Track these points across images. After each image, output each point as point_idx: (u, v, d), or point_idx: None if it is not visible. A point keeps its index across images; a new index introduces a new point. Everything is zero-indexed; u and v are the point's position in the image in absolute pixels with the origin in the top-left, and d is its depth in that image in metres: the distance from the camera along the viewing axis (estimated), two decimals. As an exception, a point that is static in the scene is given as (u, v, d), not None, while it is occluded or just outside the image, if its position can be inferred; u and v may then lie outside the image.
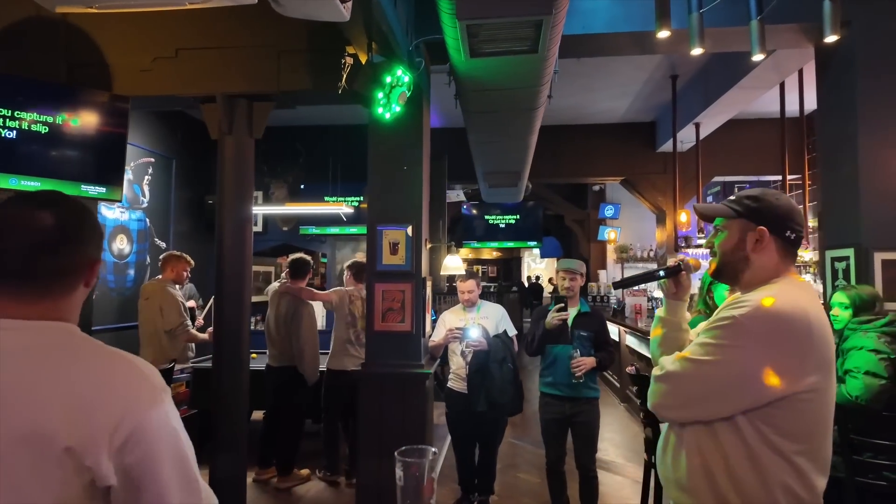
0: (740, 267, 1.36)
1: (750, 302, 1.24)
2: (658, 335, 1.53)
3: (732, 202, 1.39)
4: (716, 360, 1.23)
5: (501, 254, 18.02)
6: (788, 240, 1.33)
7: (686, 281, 1.51)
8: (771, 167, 7.25)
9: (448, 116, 6.21)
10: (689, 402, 1.29)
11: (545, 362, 3.35)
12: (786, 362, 1.19)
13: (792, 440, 1.20)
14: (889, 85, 3.40)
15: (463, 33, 2.64)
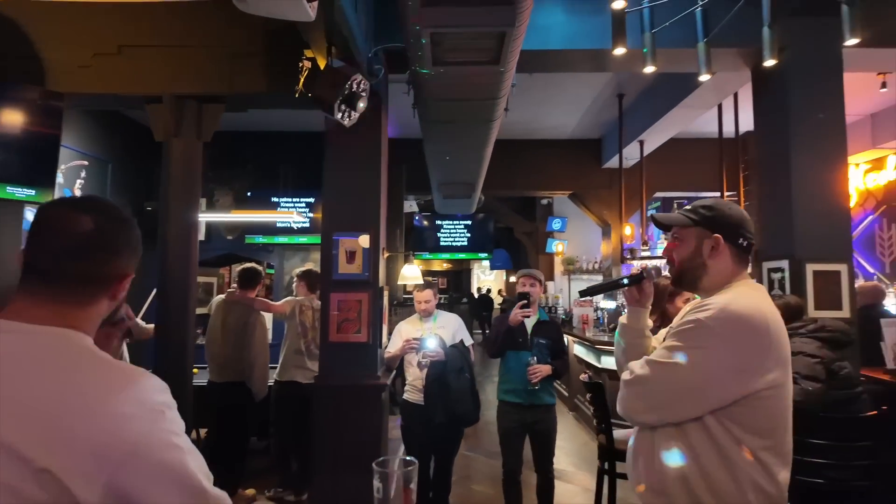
0: (699, 273, 1.42)
1: (713, 304, 1.30)
2: (622, 342, 1.56)
3: (689, 211, 1.46)
4: (684, 363, 1.27)
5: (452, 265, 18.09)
6: (741, 247, 1.41)
7: (648, 288, 1.55)
8: (709, 184, 7.68)
9: (404, 127, 6.20)
10: (661, 405, 1.32)
11: (503, 370, 3.42)
12: (749, 360, 1.25)
13: (758, 436, 1.24)
14: (819, 107, 3.68)
15: (427, 42, 2.63)
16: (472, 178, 6.15)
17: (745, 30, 3.56)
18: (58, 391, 0.74)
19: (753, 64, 4.05)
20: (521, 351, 3.32)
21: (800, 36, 3.60)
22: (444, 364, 3.43)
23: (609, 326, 6.80)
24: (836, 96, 3.69)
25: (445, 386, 3.41)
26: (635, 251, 7.23)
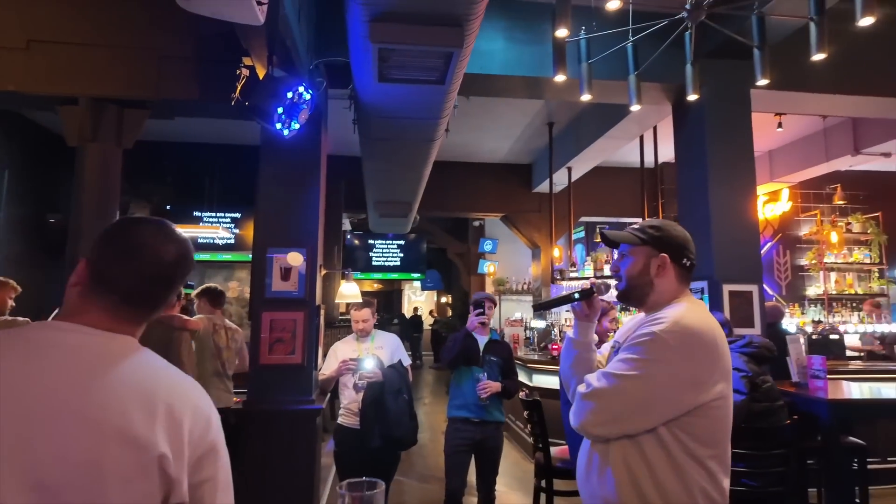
0: (646, 290, 1.47)
1: (667, 318, 1.34)
2: (570, 356, 1.57)
3: (637, 230, 1.51)
4: (640, 375, 1.30)
5: (383, 286, 17.86)
6: (685, 266, 1.47)
7: (597, 303, 1.58)
8: (631, 210, 8.16)
9: (342, 143, 6.10)
10: (618, 418, 1.33)
11: (454, 386, 3.47)
12: (701, 372, 1.30)
13: (706, 446, 1.29)
14: (733, 140, 4.03)
15: (374, 57, 2.61)
16: (410, 198, 6.14)
17: (667, 68, 3.85)
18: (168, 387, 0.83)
19: (674, 99, 4.38)
20: (472, 367, 3.42)
21: (715, 76, 3.95)
22: (381, 385, 3.33)
23: (539, 345, 6.96)
24: (745, 132, 4.06)
25: (383, 408, 3.31)
26: (564, 272, 7.50)
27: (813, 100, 4.42)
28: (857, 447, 3.52)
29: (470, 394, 3.37)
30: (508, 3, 4.03)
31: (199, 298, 4.05)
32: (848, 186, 7.78)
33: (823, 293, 7.71)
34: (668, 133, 4.99)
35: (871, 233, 7.81)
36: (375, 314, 3.66)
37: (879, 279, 7.83)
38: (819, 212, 7.99)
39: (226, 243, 7.27)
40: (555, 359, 5.55)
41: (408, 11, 2.43)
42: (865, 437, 4.06)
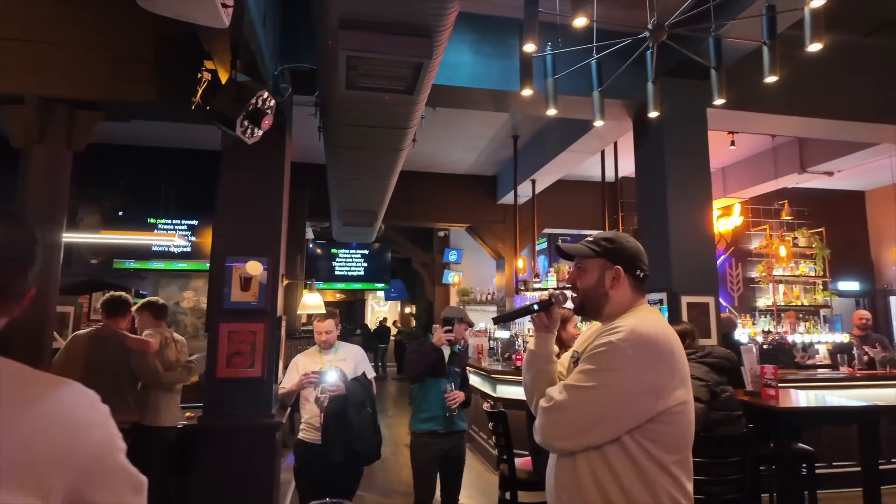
0: (601, 302, 1.49)
1: (623, 327, 1.36)
2: (531, 368, 1.57)
3: (591, 243, 1.53)
4: (601, 385, 1.31)
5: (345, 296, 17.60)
6: (638, 277, 1.50)
7: (556, 313, 1.59)
8: (592, 223, 8.35)
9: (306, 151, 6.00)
10: (581, 430, 1.34)
11: (421, 399, 3.43)
12: (659, 379, 1.32)
13: (670, 451, 1.31)
14: (690, 156, 4.17)
15: (342, 64, 2.58)
16: (376, 207, 6.08)
17: (629, 85, 3.97)
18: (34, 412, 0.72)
19: (635, 115, 4.51)
20: (439, 379, 3.42)
21: (674, 94, 4.08)
22: (344, 399, 3.25)
23: (504, 356, 6.98)
24: (702, 149, 4.22)
25: (346, 422, 3.24)
26: (528, 283, 7.57)
27: (763, 120, 4.64)
28: (806, 453, 3.66)
29: (438, 406, 3.37)
30: (476, 17, 4.07)
31: (140, 313, 3.85)
32: (794, 203, 8.20)
33: (773, 304, 8.05)
34: (628, 148, 5.12)
35: (816, 247, 8.23)
36: (339, 325, 3.59)
37: (823, 291, 8.24)
38: (768, 226, 8.37)
39: (182, 251, 7.00)
40: (519, 369, 5.57)
41: (378, 20, 2.42)
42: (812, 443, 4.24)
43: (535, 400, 1.51)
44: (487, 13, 4.08)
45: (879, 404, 4.00)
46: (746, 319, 7.88)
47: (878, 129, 4.79)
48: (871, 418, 3.62)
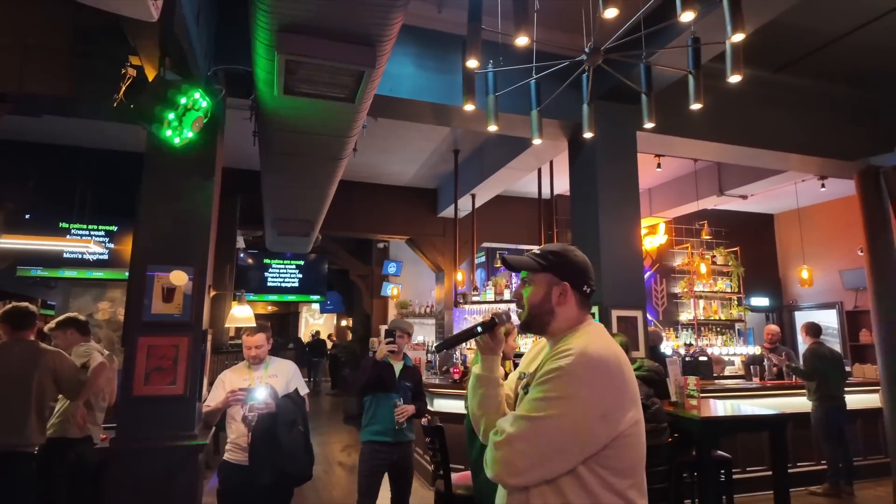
0: (547, 318, 1.44)
1: (573, 350, 1.29)
2: (477, 393, 1.49)
3: (538, 256, 1.47)
4: (556, 414, 1.24)
5: (278, 308, 17.00)
6: (585, 293, 1.45)
7: (500, 334, 1.50)
8: (529, 238, 8.55)
9: (238, 156, 5.76)
10: (536, 463, 1.25)
11: (371, 412, 3.58)
12: (613, 402, 1.26)
13: (624, 476, 1.27)
14: (621, 177, 4.37)
15: (280, 68, 2.49)
16: (313, 216, 5.92)
17: (565, 106, 4.11)
18: None
19: (570, 136, 4.68)
20: (389, 393, 3.56)
21: (606, 117, 4.27)
22: (274, 417, 3.10)
23: (441, 369, 6.96)
24: (632, 170, 4.43)
25: (275, 442, 3.08)
26: (466, 296, 7.62)
27: (687, 144, 4.95)
28: (724, 460, 3.88)
29: (388, 419, 3.51)
30: (420, 31, 4.09)
31: (63, 330, 3.52)
32: (713, 223, 8.78)
33: (694, 318, 8.55)
34: (563, 167, 5.30)
35: (732, 265, 8.84)
36: (271, 339, 3.43)
37: (738, 306, 8.85)
38: (690, 245, 8.90)
39: (98, 259, 6.50)
40: (456, 382, 5.57)
41: (320, 25, 2.36)
42: (729, 450, 4.51)
43: (483, 426, 1.45)
44: (431, 28, 4.11)
45: (787, 412, 4.32)
46: (670, 332, 8.31)
47: (786, 157, 5.23)
48: (779, 425, 3.89)
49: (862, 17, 4.12)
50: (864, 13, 4.08)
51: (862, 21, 4.15)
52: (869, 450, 5.86)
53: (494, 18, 3.20)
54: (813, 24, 4.21)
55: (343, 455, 7.12)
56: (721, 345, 8.20)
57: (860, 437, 5.82)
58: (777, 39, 4.35)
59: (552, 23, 3.97)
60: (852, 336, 8.36)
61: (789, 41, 4.48)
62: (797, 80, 5.12)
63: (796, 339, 9.22)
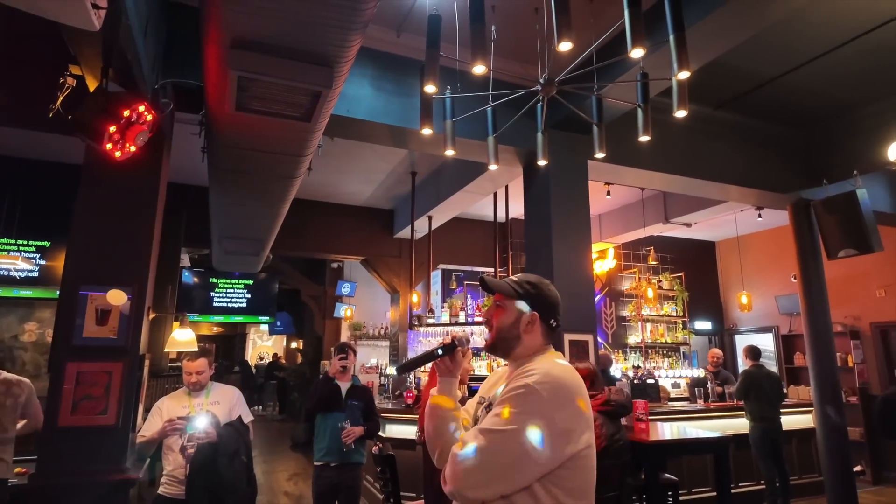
0: (513, 344, 1.49)
1: (537, 370, 1.36)
2: (435, 416, 1.48)
3: (516, 283, 1.54)
4: (519, 428, 1.27)
5: (224, 329, 16.33)
6: (551, 327, 1.53)
7: (459, 357, 1.53)
8: (484, 260, 8.62)
9: (185, 171, 5.56)
10: (496, 476, 1.28)
11: (319, 432, 3.66)
12: (572, 422, 1.31)
13: (577, 497, 1.31)
14: (572, 203, 4.47)
15: (233, 84, 2.42)
16: (263, 235, 5.74)
17: (520, 134, 4.21)
18: None
19: (525, 162, 4.77)
20: (335, 413, 3.60)
21: (560, 145, 4.39)
22: (214, 447, 2.94)
23: (395, 393, 6.83)
24: (583, 197, 4.55)
25: (215, 473, 2.92)
26: (422, 318, 7.55)
27: (635, 174, 5.14)
28: (671, 482, 3.95)
29: (333, 439, 3.56)
30: (378, 54, 4.10)
31: None
32: (659, 249, 9.13)
33: (641, 342, 8.79)
34: (518, 192, 5.38)
35: (677, 290, 9.18)
36: (213, 364, 3.27)
37: (683, 330, 9.17)
38: (637, 270, 9.20)
39: (27, 277, 6.06)
40: (409, 407, 5.47)
41: (275, 43, 2.31)
42: (675, 472, 4.60)
43: (439, 450, 1.43)
44: (389, 51, 4.13)
45: (729, 433, 4.46)
46: (619, 355, 8.50)
47: (726, 188, 5.52)
48: (723, 448, 4.01)
49: (792, 61, 4.44)
50: (794, 58, 4.40)
51: (793, 65, 4.48)
52: (803, 469, 6.13)
53: (452, 45, 3.25)
54: (750, 66, 4.50)
55: (289, 484, 6.82)
56: (667, 367, 8.45)
57: (795, 456, 6.09)
58: (718, 78, 4.62)
59: (508, 53, 4.07)
60: (787, 359, 8.80)
61: (729, 81, 4.77)
62: (736, 117, 5.45)
63: (737, 361, 9.64)
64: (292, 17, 2.12)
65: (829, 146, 5.64)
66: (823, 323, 5.55)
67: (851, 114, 5.35)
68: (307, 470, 7.45)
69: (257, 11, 2.10)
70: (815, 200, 5.44)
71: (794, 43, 4.20)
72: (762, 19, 3.22)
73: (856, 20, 3.92)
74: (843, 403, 5.51)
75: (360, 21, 2.15)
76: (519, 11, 3.66)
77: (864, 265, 6.72)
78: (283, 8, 2.10)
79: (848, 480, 5.24)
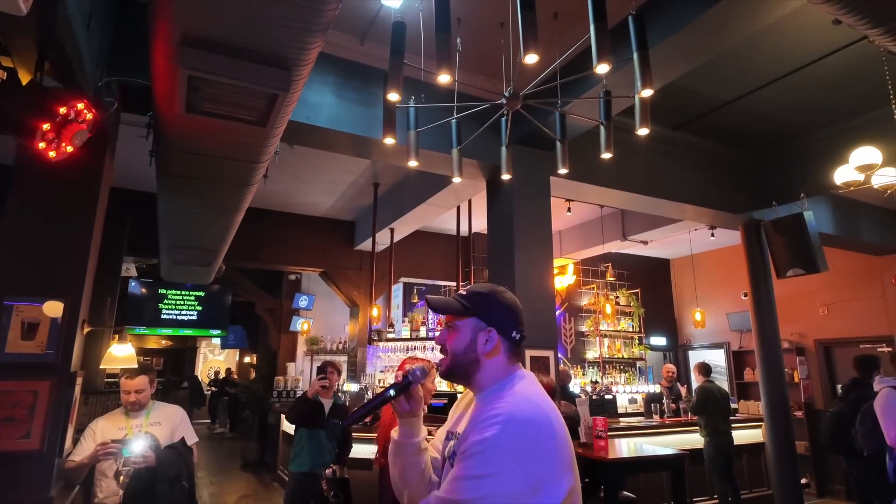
0: (472, 369, 1.31)
1: (498, 418, 1.17)
2: (398, 461, 1.34)
3: (464, 298, 1.35)
4: (480, 497, 1.10)
5: (173, 342, 15.61)
6: (514, 340, 1.33)
7: (418, 393, 1.35)
8: (446, 274, 8.55)
9: (130, 176, 5.27)
10: None
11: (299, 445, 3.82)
12: (544, 474, 1.14)
13: None
14: (535, 218, 4.46)
15: (182, 84, 2.28)
16: (216, 245, 5.48)
17: (484, 148, 4.18)
18: None
19: (489, 176, 4.75)
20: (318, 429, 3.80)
21: (523, 161, 4.39)
22: (153, 472, 2.73)
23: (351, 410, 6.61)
24: (546, 213, 4.56)
25: (153, 501, 2.70)
26: (381, 332, 7.39)
27: (595, 191, 5.21)
28: (630, 500, 3.93)
29: (316, 454, 3.73)
30: (341, 61, 4.01)
31: None
32: (617, 266, 9.30)
33: (599, 357, 8.89)
34: (481, 206, 5.36)
35: (633, 306, 9.36)
36: (155, 382, 3.05)
37: (639, 345, 9.34)
38: (596, 286, 9.33)
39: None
40: (367, 425, 5.29)
41: (230, 43, 2.19)
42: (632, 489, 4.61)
43: (407, 497, 1.31)
44: (353, 59, 4.04)
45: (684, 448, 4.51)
46: (577, 370, 8.56)
47: (682, 207, 5.66)
48: (680, 464, 4.04)
49: (746, 86, 4.62)
50: (748, 84, 4.58)
51: (746, 90, 4.65)
52: (753, 483, 6.28)
53: (417, 56, 3.19)
54: (707, 89, 4.65)
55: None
56: (624, 382, 8.56)
57: (745, 470, 6.23)
58: (676, 100, 4.75)
59: (473, 67, 4.05)
60: (738, 374, 9.07)
61: (687, 103, 4.91)
62: (693, 139, 5.61)
63: (690, 377, 9.88)
64: (248, 14, 2.01)
65: (778, 169, 5.88)
66: (773, 339, 5.73)
67: (799, 138, 5.60)
68: (258, 491, 7.12)
69: (210, 7, 1.98)
70: (766, 221, 5.65)
71: (748, 69, 4.37)
72: (719, 44, 3.32)
73: (805, 50, 4.11)
74: (792, 418, 5.68)
75: (320, 22, 2.05)
76: (484, 25, 3.65)
77: (810, 284, 7.02)
78: (238, 5, 1.99)
79: (796, 493, 5.38)
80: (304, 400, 3.93)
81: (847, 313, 7.55)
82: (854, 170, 3.43)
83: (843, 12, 2.33)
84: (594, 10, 2.09)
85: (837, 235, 6.32)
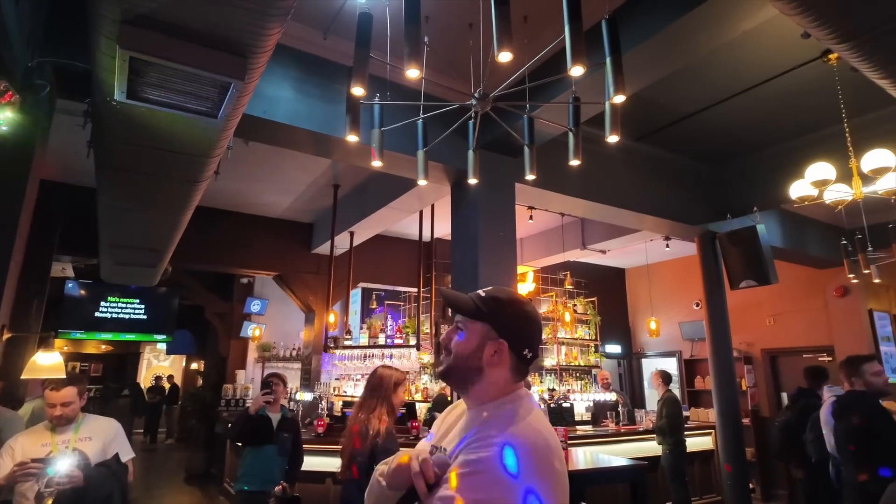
0: (471, 376, 1.20)
1: (496, 439, 1.09)
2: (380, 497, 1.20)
3: (481, 299, 1.24)
4: None
5: (114, 347, 14.73)
6: (524, 358, 1.22)
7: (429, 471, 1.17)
8: (407, 280, 8.39)
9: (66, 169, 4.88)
10: None
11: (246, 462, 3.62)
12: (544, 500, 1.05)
13: None
14: (499, 224, 4.40)
15: (124, 67, 2.06)
16: (161, 245, 5.14)
17: (450, 151, 4.09)
18: None
19: (454, 180, 4.66)
20: (266, 445, 3.60)
21: (489, 166, 4.31)
22: (81, 493, 2.48)
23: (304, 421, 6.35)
24: (510, 219, 4.50)
25: (80, 524, 2.45)
26: (338, 339, 7.15)
27: (558, 199, 5.20)
28: (589, 512, 3.88)
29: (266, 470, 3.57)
30: (303, 55, 3.84)
31: None
32: (575, 274, 9.39)
33: (556, 364, 8.92)
34: (444, 211, 5.27)
35: (590, 314, 9.46)
36: (85, 394, 2.78)
37: (595, 353, 9.44)
38: (555, 293, 9.39)
39: None
40: (320, 437, 5.07)
41: (178, 24, 2.00)
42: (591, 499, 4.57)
43: None
44: (315, 53, 3.87)
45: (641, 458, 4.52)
46: (535, 378, 8.55)
47: (642, 218, 5.74)
48: (640, 475, 4.03)
49: (706, 101, 4.72)
50: (708, 98, 4.68)
51: (706, 104, 4.75)
52: (704, 489, 6.40)
53: (383, 53, 3.06)
54: (669, 101, 4.72)
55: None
56: (580, 390, 8.61)
57: (697, 477, 6.35)
58: (639, 111, 4.80)
59: (441, 68, 3.95)
60: (689, 382, 9.30)
61: (649, 114, 4.98)
62: (653, 150, 5.70)
63: (643, 384, 10.07)
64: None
65: (733, 182, 6.05)
66: (726, 348, 5.87)
67: (754, 153, 5.79)
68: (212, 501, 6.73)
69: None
70: (721, 233, 5.79)
71: (709, 83, 4.46)
72: (687, 53, 3.35)
73: (762, 67, 4.22)
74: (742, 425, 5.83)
75: (280, 6, 1.90)
76: (453, 24, 3.56)
77: (758, 295, 7.26)
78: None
79: (745, 499, 5.51)
80: (248, 417, 3.68)
81: (791, 324, 7.87)
82: (809, 185, 3.52)
83: (815, 25, 2.36)
84: (569, 10, 2.02)
85: (785, 248, 6.56)
